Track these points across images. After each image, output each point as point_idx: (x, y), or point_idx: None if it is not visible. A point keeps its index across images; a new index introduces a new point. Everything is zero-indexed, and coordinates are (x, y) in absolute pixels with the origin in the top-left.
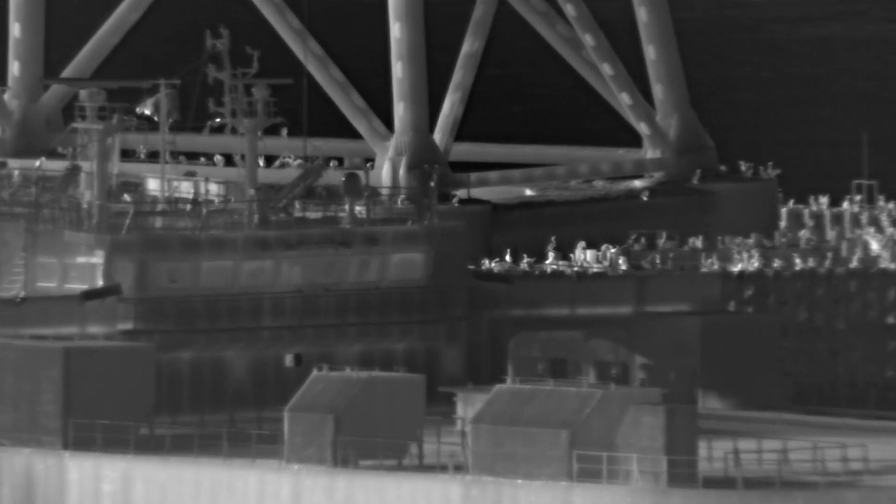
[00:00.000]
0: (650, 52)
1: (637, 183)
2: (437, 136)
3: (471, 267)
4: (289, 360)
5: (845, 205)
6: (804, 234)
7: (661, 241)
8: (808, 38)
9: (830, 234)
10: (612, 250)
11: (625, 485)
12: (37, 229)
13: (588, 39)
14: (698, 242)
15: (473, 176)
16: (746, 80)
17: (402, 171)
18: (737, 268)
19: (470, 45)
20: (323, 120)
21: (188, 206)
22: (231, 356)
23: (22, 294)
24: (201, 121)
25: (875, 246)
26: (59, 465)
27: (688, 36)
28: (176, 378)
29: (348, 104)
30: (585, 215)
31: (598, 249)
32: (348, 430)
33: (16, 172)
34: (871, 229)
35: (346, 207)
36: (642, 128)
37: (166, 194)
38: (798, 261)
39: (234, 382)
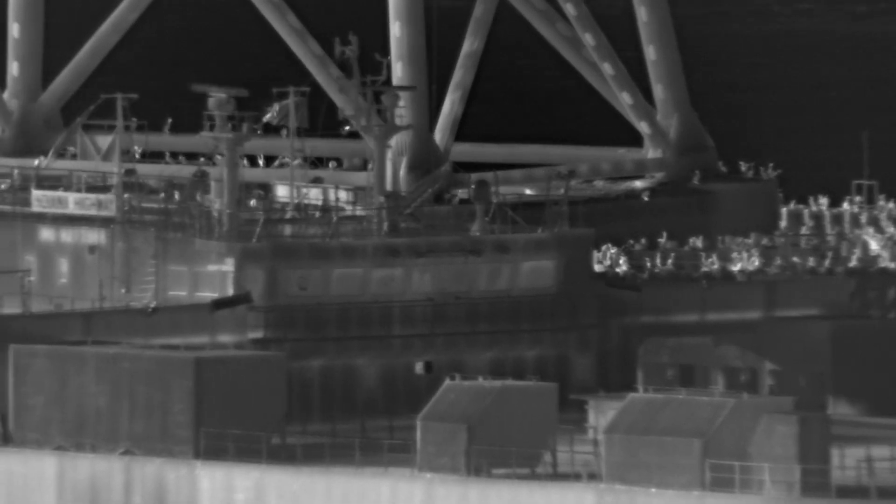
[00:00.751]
0: (650, 52)
1: (637, 183)
2: (437, 135)
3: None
4: (419, 367)
5: (845, 205)
6: (804, 233)
7: (662, 241)
8: (809, 36)
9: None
10: (613, 250)
11: (757, 494)
12: (167, 237)
13: (588, 39)
14: (698, 242)
15: (473, 175)
16: (747, 80)
17: (402, 172)
18: (737, 268)
19: (470, 45)
20: (324, 119)
21: (317, 214)
22: (362, 364)
23: (153, 304)
24: (330, 128)
25: (875, 246)
26: (191, 474)
27: (688, 35)
28: (306, 386)
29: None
30: (586, 215)
31: (599, 249)
32: (481, 439)
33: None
34: (871, 229)
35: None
36: (643, 127)
37: (295, 201)
38: (798, 260)
39: (365, 390)
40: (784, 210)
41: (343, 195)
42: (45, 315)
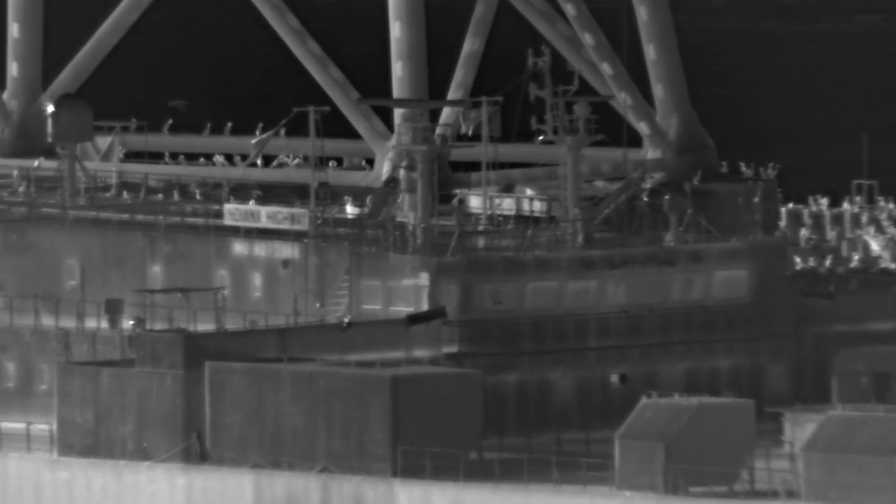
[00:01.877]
0: (650, 52)
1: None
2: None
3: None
4: (614, 379)
5: (845, 205)
6: (804, 233)
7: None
8: (809, 35)
9: (830, 235)
10: None
11: None
12: (361, 251)
13: (588, 39)
14: None
15: (473, 175)
16: (746, 79)
17: (401, 171)
18: None
19: (470, 45)
20: (324, 120)
21: (511, 225)
22: (556, 377)
23: (347, 319)
24: (523, 139)
25: (875, 246)
26: (389, 492)
27: (688, 35)
28: (502, 401)
29: (348, 104)
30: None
31: None
32: (679, 457)
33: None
34: (871, 229)
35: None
36: (642, 128)
37: (488, 212)
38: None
39: (560, 404)
40: (783, 210)
41: (538, 205)
42: (240, 332)
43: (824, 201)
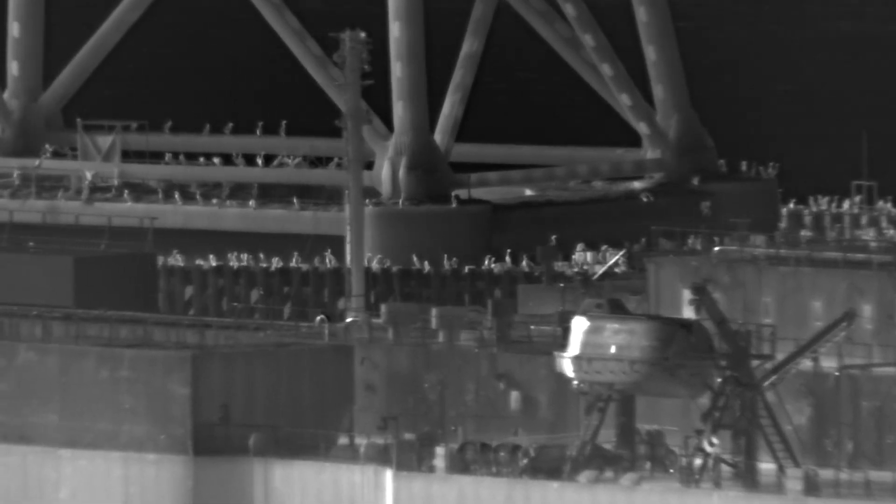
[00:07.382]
0: (650, 52)
1: (636, 184)
2: (438, 136)
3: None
4: None
5: (845, 205)
6: (804, 234)
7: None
8: (809, 36)
9: (830, 235)
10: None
11: None
12: None
13: (588, 39)
14: (697, 244)
15: (473, 176)
16: (746, 79)
17: (401, 172)
18: None
19: (470, 45)
20: (323, 119)
21: None
22: None
23: None
24: None
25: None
26: None
27: (688, 35)
28: None
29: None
30: (585, 216)
31: (598, 250)
32: None
33: None
34: (871, 230)
35: None
36: (642, 128)
37: None
38: None
39: None
40: (784, 210)
41: None
42: None
43: (824, 201)
